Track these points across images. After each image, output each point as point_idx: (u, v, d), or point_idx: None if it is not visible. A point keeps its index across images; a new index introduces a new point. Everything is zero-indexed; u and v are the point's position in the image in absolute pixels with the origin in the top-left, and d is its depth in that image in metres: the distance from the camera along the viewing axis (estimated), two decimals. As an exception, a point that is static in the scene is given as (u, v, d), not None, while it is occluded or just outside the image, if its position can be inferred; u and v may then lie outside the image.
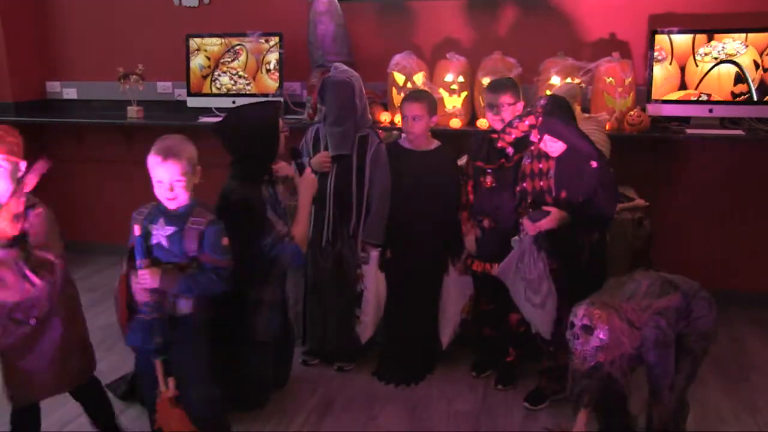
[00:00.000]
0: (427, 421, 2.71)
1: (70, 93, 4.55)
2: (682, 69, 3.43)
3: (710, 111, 3.43)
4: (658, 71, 3.45)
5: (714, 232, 3.76)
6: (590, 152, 2.50)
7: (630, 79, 3.40)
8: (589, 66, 3.41)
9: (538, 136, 2.52)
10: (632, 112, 3.36)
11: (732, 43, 3.36)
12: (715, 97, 3.40)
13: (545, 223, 2.49)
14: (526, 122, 2.53)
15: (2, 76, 4.36)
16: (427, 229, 2.98)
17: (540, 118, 2.50)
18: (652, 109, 3.46)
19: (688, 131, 3.40)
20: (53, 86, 4.58)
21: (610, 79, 3.39)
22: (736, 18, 3.47)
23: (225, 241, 2.28)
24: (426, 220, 2.98)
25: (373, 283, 3.00)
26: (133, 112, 4.08)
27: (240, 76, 4.01)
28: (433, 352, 3.10)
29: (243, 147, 2.58)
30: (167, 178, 2.20)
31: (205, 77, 4.06)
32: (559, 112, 2.50)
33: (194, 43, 4.04)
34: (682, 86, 3.44)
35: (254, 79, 4.00)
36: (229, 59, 4.01)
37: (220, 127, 2.63)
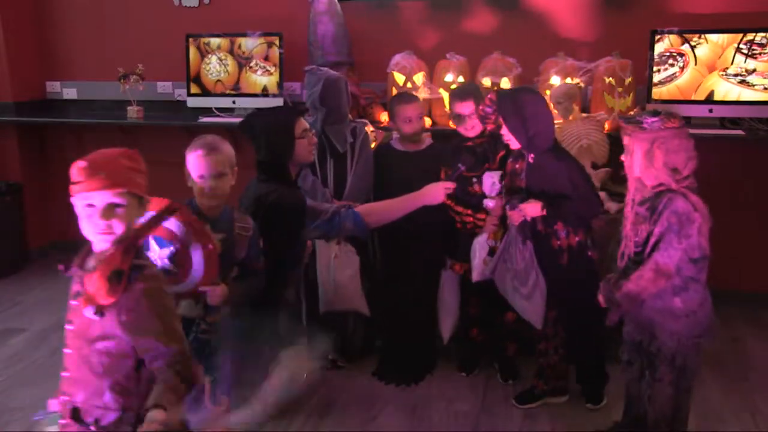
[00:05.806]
0: (427, 421, 2.71)
1: (70, 93, 4.54)
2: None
3: (710, 111, 3.43)
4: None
5: (714, 232, 3.73)
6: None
7: (630, 79, 3.39)
8: (588, 66, 3.41)
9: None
10: (632, 113, 3.36)
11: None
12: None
13: (530, 208, 2.50)
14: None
15: (2, 76, 4.35)
16: (424, 229, 2.95)
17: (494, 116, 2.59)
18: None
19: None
20: (53, 86, 4.57)
21: (610, 79, 3.39)
22: (736, 18, 3.47)
23: (261, 243, 2.27)
24: (422, 219, 2.95)
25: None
26: (133, 112, 4.08)
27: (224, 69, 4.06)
28: (433, 352, 3.11)
29: (257, 150, 2.53)
30: (209, 172, 2.11)
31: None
32: (508, 107, 2.51)
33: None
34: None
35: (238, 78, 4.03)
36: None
37: (242, 128, 2.59)
